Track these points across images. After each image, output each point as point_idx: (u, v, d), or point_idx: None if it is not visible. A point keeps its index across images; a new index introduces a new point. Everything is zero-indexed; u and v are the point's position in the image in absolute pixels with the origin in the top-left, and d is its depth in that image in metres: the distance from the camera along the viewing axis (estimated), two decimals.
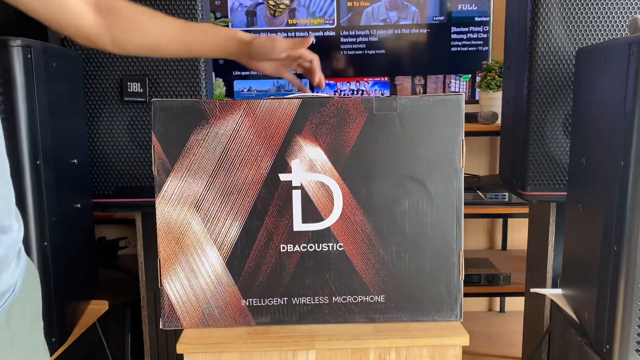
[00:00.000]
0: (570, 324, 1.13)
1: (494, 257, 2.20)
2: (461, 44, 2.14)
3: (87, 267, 1.26)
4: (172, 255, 0.88)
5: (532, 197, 1.36)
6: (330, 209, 0.87)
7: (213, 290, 0.88)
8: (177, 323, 0.89)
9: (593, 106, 1.06)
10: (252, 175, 0.86)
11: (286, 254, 0.88)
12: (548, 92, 1.32)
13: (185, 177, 0.86)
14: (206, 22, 1.30)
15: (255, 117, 0.85)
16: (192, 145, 0.86)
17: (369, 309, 0.89)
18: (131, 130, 1.31)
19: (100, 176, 1.33)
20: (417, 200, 0.87)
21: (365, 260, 0.88)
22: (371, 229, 0.87)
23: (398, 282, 0.88)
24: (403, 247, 0.88)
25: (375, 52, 2.15)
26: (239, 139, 0.86)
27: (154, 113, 0.85)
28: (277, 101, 0.85)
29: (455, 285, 0.89)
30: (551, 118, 1.33)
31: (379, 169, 0.86)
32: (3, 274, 0.62)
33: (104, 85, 1.30)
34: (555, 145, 1.34)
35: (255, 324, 0.89)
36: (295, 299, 0.89)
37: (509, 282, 1.94)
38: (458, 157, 0.86)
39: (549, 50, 1.31)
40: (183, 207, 0.87)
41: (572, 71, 1.31)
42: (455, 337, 0.87)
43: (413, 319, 0.89)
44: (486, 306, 2.49)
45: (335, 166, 0.86)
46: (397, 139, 0.86)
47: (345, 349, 0.87)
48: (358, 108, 0.85)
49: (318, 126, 0.86)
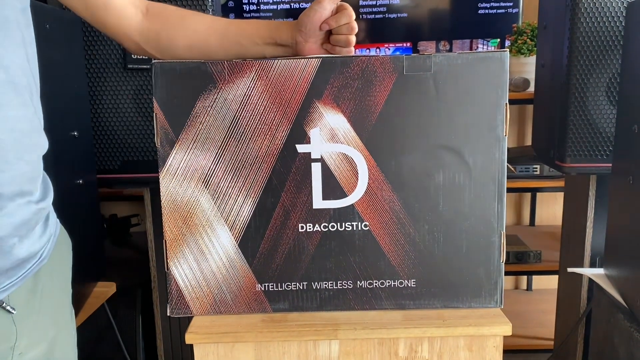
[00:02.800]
0: (617, 307, 1.03)
1: (523, 234, 2.10)
2: (489, 5, 2.01)
3: (92, 248, 1.18)
4: (179, 235, 0.79)
5: (571, 169, 1.25)
6: (354, 184, 0.77)
7: (225, 274, 0.80)
8: (186, 310, 0.81)
9: None
10: (266, 146, 0.77)
11: (305, 234, 0.79)
12: (591, 54, 1.21)
13: (191, 149, 0.77)
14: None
15: (269, 80, 0.75)
16: (199, 113, 0.76)
17: (398, 295, 0.80)
18: (136, 100, 1.22)
19: (104, 150, 1.25)
20: (453, 174, 0.77)
21: (394, 241, 0.78)
22: (400, 206, 0.77)
23: (431, 264, 0.79)
24: (437, 226, 0.78)
25: (397, 16, 2.02)
26: (250, 106, 0.76)
27: (154, 77, 0.76)
28: (294, 61, 0.75)
29: (496, 268, 0.79)
30: (594, 83, 1.22)
31: (410, 138, 0.76)
32: (24, 239, 0.63)
33: (107, 52, 1.21)
34: (598, 112, 1.23)
35: (271, 310, 0.81)
36: (316, 284, 0.80)
37: (539, 260, 1.84)
38: (501, 124, 0.75)
39: (593, 7, 1.19)
40: (190, 183, 0.78)
41: (619, 29, 1.18)
42: (495, 326, 0.77)
43: (447, 306, 0.80)
44: (513, 284, 2.40)
45: (360, 136, 0.76)
46: (430, 103, 0.75)
47: (372, 339, 0.78)
48: (386, 68, 0.75)
49: (340, 90, 0.75)
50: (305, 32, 0.85)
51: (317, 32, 0.86)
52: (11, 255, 0.61)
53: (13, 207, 0.60)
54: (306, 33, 0.85)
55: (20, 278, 0.64)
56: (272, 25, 0.88)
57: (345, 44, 0.85)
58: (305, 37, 0.86)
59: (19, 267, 0.63)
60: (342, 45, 0.86)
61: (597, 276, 1.15)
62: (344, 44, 0.85)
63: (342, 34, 0.85)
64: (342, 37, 0.85)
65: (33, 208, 0.64)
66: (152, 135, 1.24)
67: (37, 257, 0.66)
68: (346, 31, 0.85)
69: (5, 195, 0.59)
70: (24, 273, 0.64)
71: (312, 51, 0.87)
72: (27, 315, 0.66)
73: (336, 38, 0.86)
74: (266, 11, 2.10)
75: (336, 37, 0.86)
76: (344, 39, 0.85)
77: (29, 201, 0.63)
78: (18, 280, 0.63)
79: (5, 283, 0.62)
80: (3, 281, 0.61)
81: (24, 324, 0.65)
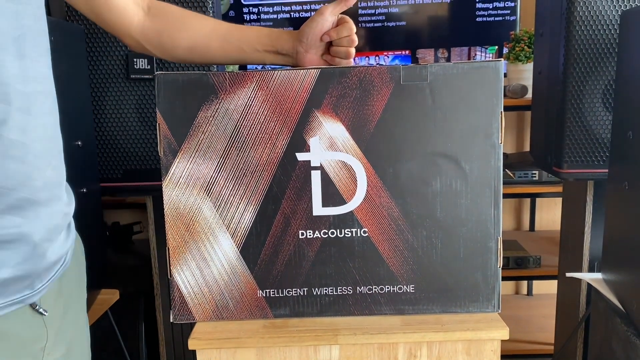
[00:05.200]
0: (614, 312, 1.04)
1: (522, 239, 2.11)
2: (487, 13, 2.02)
3: (95, 256, 1.20)
4: (181, 243, 0.81)
5: (568, 174, 1.26)
6: (353, 191, 0.79)
7: (227, 280, 0.81)
8: (189, 316, 0.83)
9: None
10: (267, 155, 0.78)
11: (305, 240, 0.80)
12: (587, 61, 1.22)
13: (194, 158, 0.79)
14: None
15: (269, 90, 0.77)
16: (201, 123, 0.78)
17: (397, 300, 0.81)
18: (139, 109, 1.24)
19: (107, 159, 1.26)
20: (450, 180, 0.78)
21: (393, 247, 0.80)
22: (399, 213, 0.79)
23: (429, 270, 0.80)
24: (434, 232, 0.79)
25: (396, 24, 2.04)
26: (251, 115, 0.78)
27: (157, 88, 0.78)
28: (293, 72, 0.77)
29: (493, 273, 0.80)
30: (590, 89, 1.23)
31: (407, 145, 0.77)
32: (54, 243, 0.65)
33: (109, 62, 1.23)
34: (594, 118, 1.24)
35: (272, 316, 0.82)
36: (316, 290, 0.82)
37: (539, 264, 1.85)
38: (496, 132, 0.77)
39: (588, 15, 1.20)
40: (192, 191, 0.79)
41: (614, 37, 1.20)
42: (493, 331, 0.78)
43: (446, 311, 0.81)
44: (513, 289, 2.41)
45: (359, 144, 0.78)
46: (427, 111, 0.77)
47: (372, 344, 0.79)
48: (383, 78, 0.76)
49: (339, 99, 0.77)
50: (306, 43, 0.87)
51: (318, 43, 0.88)
52: (45, 258, 0.63)
53: (46, 212, 0.62)
54: (307, 43, 0.87)
55: (50, 281, 0.66)
56: (274, 33, 0.89)
57: (345, 55, 0.87)
58: (306, 48, 0.87)
59: (49, 270, 0.65)
60: (341, 57, 0.87)
61: (595, 281, 1.16)
62: (343, 55, 0.87)
63: (343, 46, 0.87)
64: (343, 49, 0.87)
65: (62, 212, 0.66)
66: (154, 144, 1.25)
67: (62, 260, 0.68)
68: (346, 43, 0.87)
69: (40, 201, 0.61)
70: (52, 276, 0.66)
71: (312, 61, 0.89)
72: (54, 317, 0.68)
73: (336, 50, 0.88)
74: (266, 20, 2.13)
75: (336, 49, 0.88)
76: (344, 51, 0.87)
77: (59, 206, 0.65)
78: (48, 283, 0.65)
79: (38, 286, 0.63)
80: (37, 284, 0.63)
81: (52, 325, 0.67)
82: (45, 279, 0.65)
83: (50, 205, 0.63)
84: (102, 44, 1.22)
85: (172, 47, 0.88)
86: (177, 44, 0.87)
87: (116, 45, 1.22)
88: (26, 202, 0.59)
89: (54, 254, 0.65)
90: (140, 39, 0.87)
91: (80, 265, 0.78)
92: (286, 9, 2.10)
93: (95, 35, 1.22)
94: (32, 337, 0.64)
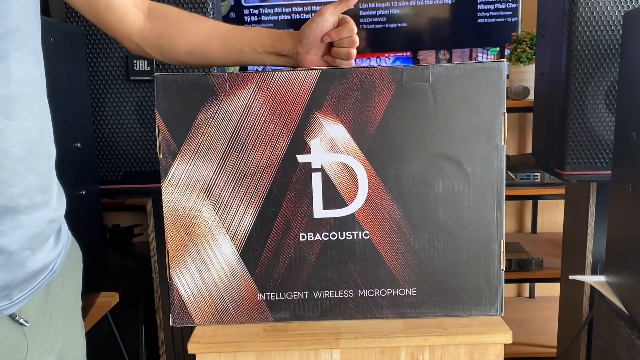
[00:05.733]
0: (618, 314, 1.03)
1: (524, 241, 2.10)
2: (488, 14, 2.02)
3: (95, 258, 1.19)
4: (181, 245, 0.80)
5: (571, 176, 1.25)
6: (354, 193, 0.78)
7: (227, 283, 0.81)
8: (189, 320, 0.82)
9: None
10: (267, 156, 0.77)
11: (306, 243, 0.79)
12: (589, 62, 1.21)
13: (193, 160, 0.78)
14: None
15: (269, 92, 0.76)
16: (200, 124, 0.77)
17: (398, 303, 0.80)
18: (139, 111, 1.23)
19: (107, 161, 1.26)
20: (452, 182, 0.77)
21: (394, 250, 0.79)
22: (400, 215, 0.78)
23: (431, 273, 0.79)
24: (436, 235, 0.78)
25: (397, 26, 2.04)
26: (251, 117, 0.77)
27: (156, 89, 0.77)
28: (294, 73, 0.76)
29: (496, 276, 0.79)
30: (592, 91, 1.22)
31: (409, 147, 0.77)
32: (37, 251, 0.62)
33: (109, 64, 1.22)
34: (597, 120, 1.23)
35: (273, 320, 0.81)
36: (317, 293, 0.81)
37: (541, 267, 1.84)
38: (499, 133, 0.76)
39: (590, 16, 1.19)
40: (192, 193, 0.79)
41: (617, 38, 1.19)
42: (496, 334, 0.78)
43: (448, 314, 0.80)
44: (515, 292, 2.39)
45: (360, 145, 0.77)
46: (429, 113, 0.76)
47: (373, 347, 0.78)
48: (385, 79, 0.76)
49: (339, 100, 0.76)
50: (307, 44, 0.86)
51: (319, 44, 0.87)
52: (24, 268, 0.61)
53: (26, 220, 0.59)
54: (307, 44, 0.86)
55: (33, 290, 0.63)
56: (274, 34, 0.89)
57: (346, 56, 0.86)
58: (307, 49, 0.87)
59: (31, 279, 0.63)
60: (342, 58, 0.86)
61: (598, 283, 1.15)
62: (344, 56, 0.86)
63: (344, 47, 0.86)
64: (343, 50, 0.86)
65: (47, 219, 0.63)
66: (154, 146, 1.24)
67: (50, 268, 0.66)
68: (347, 44, 0.86)
69: (17, 208, 0.58)
70: (36, 285, 0.63)
71: (312, 62, 0.88)
72: (38, 327, 0.65)
73: (337, 51, 0.87)
74: (267, 22, 2.12)
75: (337, 50, 0.87)
76: (344, 51, 0.86)
77: (44, 212, 0.62)
78: (30, 293, 0.63)
79: (18, 296, 0.61)
80: (16, 294, 0.61)
81: (35, 335, 0.65)
82: (27, 289, 0.62)
83: (30, 213, 0.60)
84: (102, 45, 1.22)
85: (172, 50, 0.87)
86: (177, 47, 0.87)
87: (116, 46, 1.22)
88: (1, 209, 0.56)
89: (37, 263, 0.63)
90: (140, 42, 0.86)
91: (74, 270, 0.76)
92: (287, 10, 2.09)
93: (95, 37, 1.21)
94: (11, 349, 0.62)
